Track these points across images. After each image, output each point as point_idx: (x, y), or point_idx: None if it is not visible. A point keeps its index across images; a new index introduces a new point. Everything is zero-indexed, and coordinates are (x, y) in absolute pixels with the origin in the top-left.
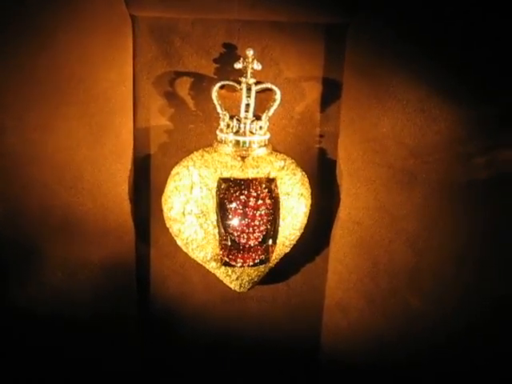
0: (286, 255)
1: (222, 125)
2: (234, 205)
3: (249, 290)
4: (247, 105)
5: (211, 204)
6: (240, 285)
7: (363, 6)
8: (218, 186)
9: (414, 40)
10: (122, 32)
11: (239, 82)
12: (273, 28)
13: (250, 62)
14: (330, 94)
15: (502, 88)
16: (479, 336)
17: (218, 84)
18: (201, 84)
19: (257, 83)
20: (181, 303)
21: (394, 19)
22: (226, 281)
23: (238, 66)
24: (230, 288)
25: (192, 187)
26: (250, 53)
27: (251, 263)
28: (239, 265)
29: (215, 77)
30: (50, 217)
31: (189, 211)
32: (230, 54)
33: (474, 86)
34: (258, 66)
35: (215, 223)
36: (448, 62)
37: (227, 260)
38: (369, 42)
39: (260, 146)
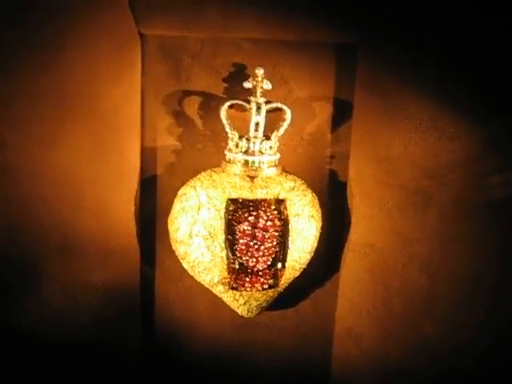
0: (295, 279)
1: (231, 144)
2: (242, 226)
3: (257, 315)
4: (257, 124)
5: (219, 225)
6: (248, 310)
7: (374, 25)
8: (227, 207)
9: (426, 59)
10: (130, 49)
11: (249, 102)
12: (283, 47)
13: (260, 81)
14: (341, 113)
15: None
16: (495, 362)
17: (227, 103)
18: (209, 103)
19: (267, 102)
20: (186, 329)
21: (404, 38)
22: (234, 305)
23: (248, 85)
24: (238, 313)
25: (199, 208)
26: (259, 72)
27: (259, 288)
28: (247, 290)
29: (224, 96)
30: (50, 236)
31: (196, 233)
32: (239, 73)
33: (487, 103)
34: (267, 86)
35: (223, 245)
36: (461, 80)
37: (235, 285)
38: (380, 62)
39: (269, 166)
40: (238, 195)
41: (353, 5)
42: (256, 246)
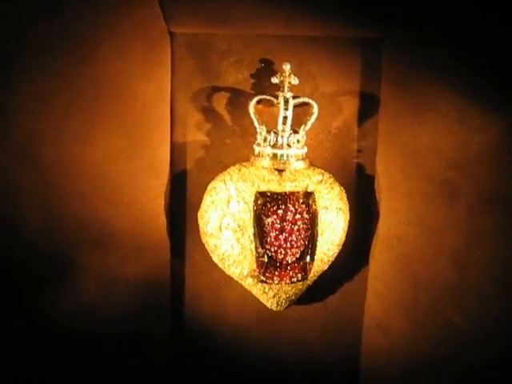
0: (323, 273)
1: (259, 139)
2: (271, 219)
3: (285, 308)
4: (285, 117)
5: (248, 218)
6: (277, 303)
7: (399, 19)
8: (255, 201)
9: (452, 51)
10: (160, 48)
11: (276, 97)
12: (309, 43)
13: (287, 76)
14: (368, 108)
15: None
16: None
17: (256, 98)
18: (238, 99)
19: (294, 97)
20: (215, 321)
21: (430, 32)
22: (263, 298)
23: (275, 80)
24: (266, 307)
25: (229, 201)
26: (286, 67)
27: (288, 281)
28: (276, 283)
29: (252, 92)
30: (86, 229)
31: (225, 225)
32: (267, 69)
33: None
34: (294, 81)
35: (252, 238)
36: (487, 72)
37: (264, 279)
38: (406, 55)
39: (297, 160)
40: (266, 188)
41: (378, 0)
42: (285, 239)
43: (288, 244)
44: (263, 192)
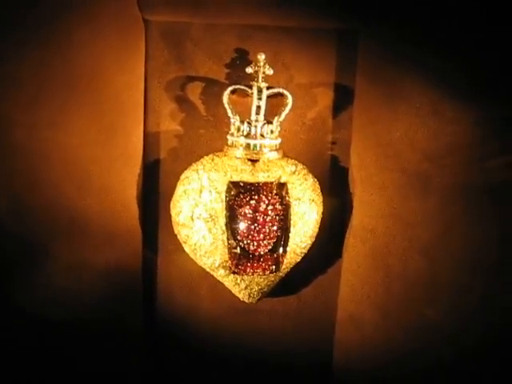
0: (296, 265)
1: (233, 129)
2: (243, 210)
3: (258, 300)
4: (258, 107)
5: (220, 208)
6: (249, 295)
7: (375, 11)
8: (228, 191)
9: (426, 43)
10: (134, 36)
11: (251, 87)
12: (284, 33)
13: (262, 66)
14: (342, 99)
15: None
16: (499, 348)
17: (230, 88)
18: (212, 89)
19: (268, 87)
20: (187, 313)
21: (405, 24)
22: (235, 290)
23: (250, 70)
24: (239, 299)
25: (201, 191)
26: (261, 57)
27: (261, 273)
28: (249, 274)
29: (226, 82)
30: (56, 217)
31: (197, 215)
32: (241, 59)
33: (487, 87)
34: (269, 71)
35: (224, 228)
36: (461, 64)
37: (236, 270)
38: (381, 47)
39: (271, 150)
40: (239, 178)
41: None
42: (257, 230)
43: (261, 235)
44: (236, 182)
